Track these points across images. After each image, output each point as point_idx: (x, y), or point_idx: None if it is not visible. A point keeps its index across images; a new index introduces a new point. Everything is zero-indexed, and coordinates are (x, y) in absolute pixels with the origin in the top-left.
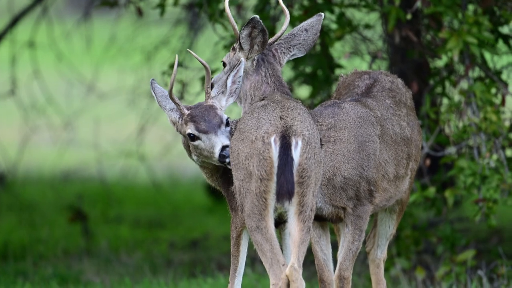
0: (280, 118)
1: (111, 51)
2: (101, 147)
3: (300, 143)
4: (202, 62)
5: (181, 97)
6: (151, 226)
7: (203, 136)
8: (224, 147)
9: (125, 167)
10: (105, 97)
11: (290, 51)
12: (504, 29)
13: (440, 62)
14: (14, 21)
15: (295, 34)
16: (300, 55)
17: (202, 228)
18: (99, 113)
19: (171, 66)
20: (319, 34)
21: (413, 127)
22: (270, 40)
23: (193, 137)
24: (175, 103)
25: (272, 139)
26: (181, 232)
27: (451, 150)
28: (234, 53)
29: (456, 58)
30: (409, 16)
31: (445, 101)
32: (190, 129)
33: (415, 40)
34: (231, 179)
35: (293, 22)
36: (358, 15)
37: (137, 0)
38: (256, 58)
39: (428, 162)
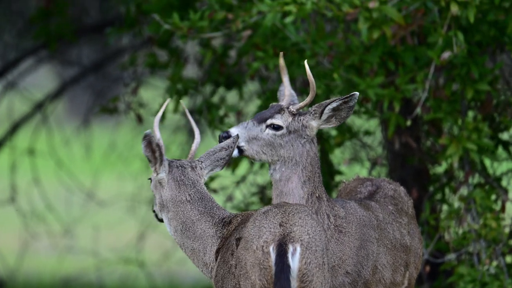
0: (280, 225)
1: (111, 158)
2: (101, 254)
3: (298, 249)
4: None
5: None
6: None
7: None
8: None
9: (124, 274)
10: (105, 204)
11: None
12: (504, 136)
13: (440, 169)
14: (14, 128)
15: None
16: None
17: None
18: (99, 220)
19: None
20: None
21: (414, 236)
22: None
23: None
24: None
25: (271, 248)
26: None
27: (451, 256)
28: (299, 119)
29: (456, 164)
30: (408, 123)
31: (445, 207)
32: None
33: (414, 147)
34: (223, 283)
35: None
36: (358, 122)
37: (137, 107)
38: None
39: (428, 268)
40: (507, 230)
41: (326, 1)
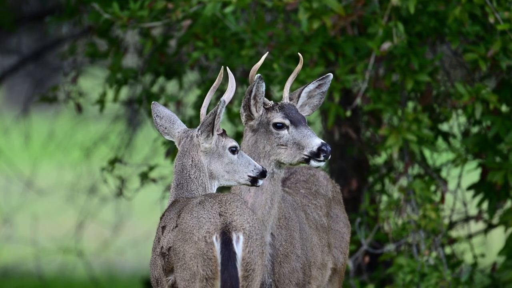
0: (219, 214)
1: (50, 147)
2: (39, 243)
3: (241, 237)
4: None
5: (120, 193)
6: None
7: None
8: None
9: (63, 263)
10: (44, 193)
11: None
12: (444, 127)
13: (379, 159)
14: None
15: None
16: None
17: None
18: (38, 209)
19: (110, 162)
20: None
21: (337, 219)
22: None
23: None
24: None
25: (214, 238)
26: None
27: (390, 247)
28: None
29: (395, 155)
30: (348, 113)
31: (384, 198)
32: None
33: (354, 137)
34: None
35: (232, 119)
36: None
37: (77, 96)
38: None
39: (367, 259)
40: (446, 221)
41: None
